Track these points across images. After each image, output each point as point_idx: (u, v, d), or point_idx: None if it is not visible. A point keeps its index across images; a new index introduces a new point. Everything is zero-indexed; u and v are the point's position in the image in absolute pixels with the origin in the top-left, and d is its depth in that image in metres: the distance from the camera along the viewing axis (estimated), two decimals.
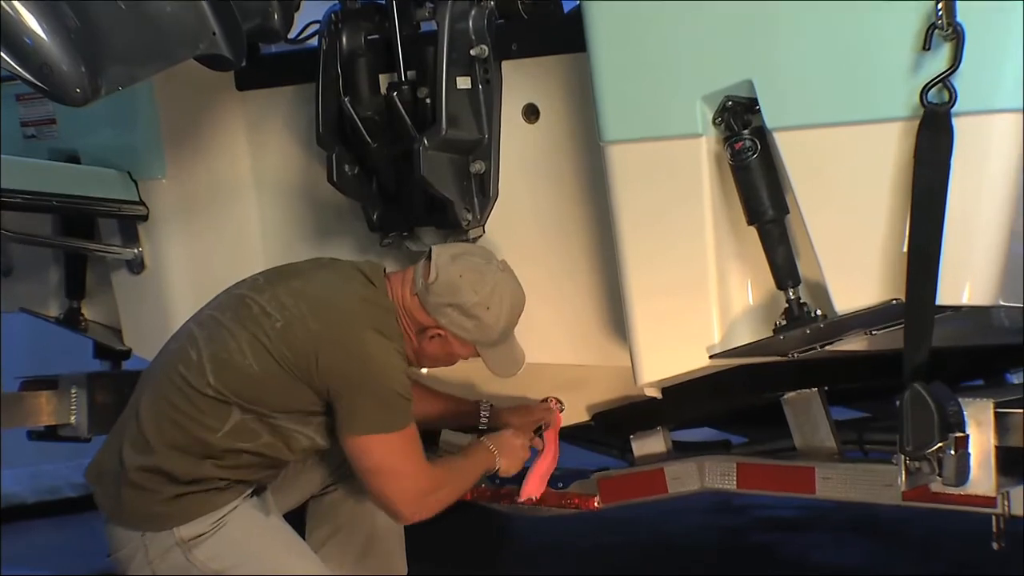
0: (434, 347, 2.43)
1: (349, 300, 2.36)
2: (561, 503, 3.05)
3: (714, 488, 2.95)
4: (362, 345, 2.29)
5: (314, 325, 2.30)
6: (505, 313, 2.41)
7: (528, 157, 2.69)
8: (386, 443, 2.30)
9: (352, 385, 2.29)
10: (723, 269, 2.39)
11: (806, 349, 2.40)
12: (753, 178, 2.29)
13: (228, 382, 2.31)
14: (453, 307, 2.38)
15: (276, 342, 2.30)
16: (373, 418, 2.29)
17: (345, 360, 2.28)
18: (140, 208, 3.07)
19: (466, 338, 2.41)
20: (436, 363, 2.50)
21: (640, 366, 2.47)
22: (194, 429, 2.32)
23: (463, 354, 2.46)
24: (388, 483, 2.33)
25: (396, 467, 2.31)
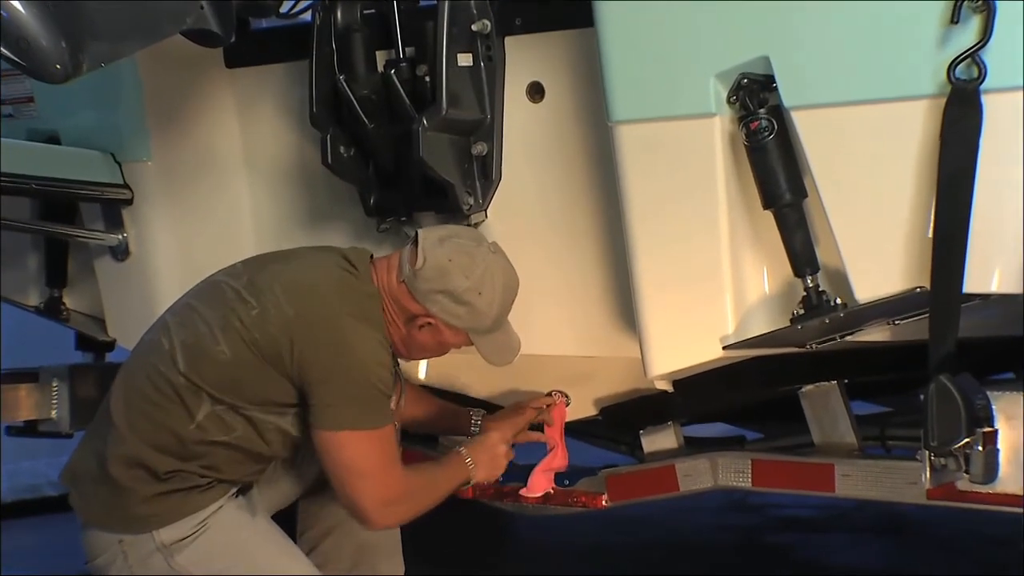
0: (424, 336, 2.41)
1: (327, 284, 2.33)
2: (567, 501, 3.04)
3: (728, 486, 2.94)
4: (340, 332, 2.26)
5: (289, 310, 2.28)
6: (498, 298, 2.39)
7: (533, 138, 2.68)
8: (359, 441, 2.26)
9: (327, 375, 2.25)
10: (738, 256, 2.39)
11: (825, 340, 2.41)
12: (769, 160, 2.29)
13: (199, 370, 2.30)
14: (443, 293, 2.37)
15: (250, 329, 2.28)
16: (347, 413, 2.25)
17: (320, 347, 2.25)
18: (124, 192, 3.07)
19: (458, 326, 2.39)
20: (426, 353, 2.48)
21: (650, 358, 2.47)
22: (166, 421, 2.31)
23: (455, 343, 2.44)
24: (356, 485, 2.28)
25: (366, 469, 2.27)
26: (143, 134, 3.04)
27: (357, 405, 2.25)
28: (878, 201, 2.22)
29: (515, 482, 3.00)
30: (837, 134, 2.23)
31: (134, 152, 3.06)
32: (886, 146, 2.19)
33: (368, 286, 2.37)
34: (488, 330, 2.41)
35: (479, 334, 2.41)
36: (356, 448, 2.26)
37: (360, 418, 2.25)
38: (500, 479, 3.06)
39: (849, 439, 2.91)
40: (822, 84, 2.22)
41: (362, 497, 2.29)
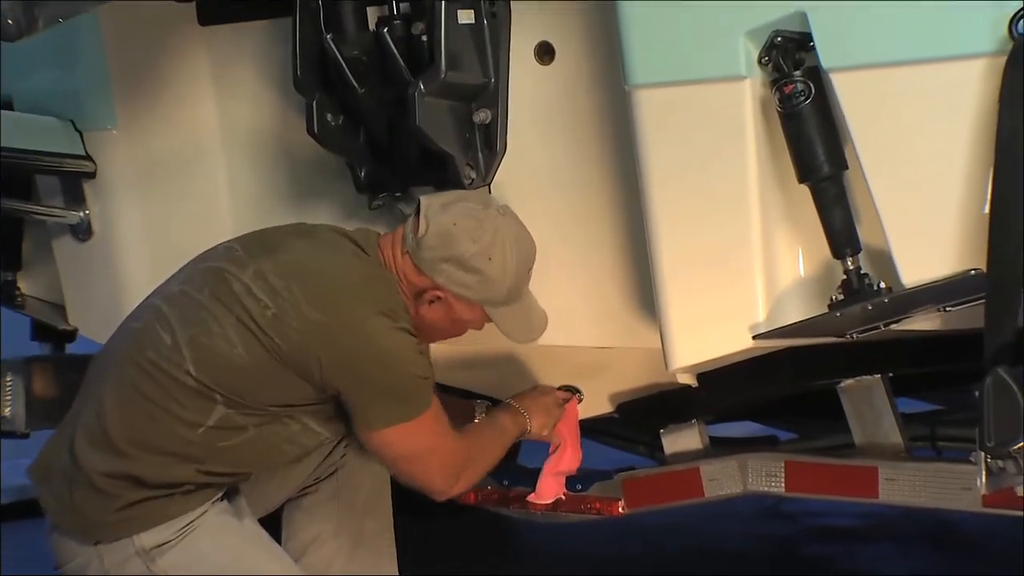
0: (435, 313, 2.42)
1: (348, 279, 2.35)
2: (580, 508, 3.06)
3: (759, 491, 2.96)
4: (372, 337, 2.29)
5: (313, 315, 2.29)
6: (512, 264, 2.40)
7: (542, 104, 2.68)
8: (410, 431, 2.35)
9: (364, 381, 2.31)
10: (769, 235, 2.39)
11: (867, 328, 2.40)
12: (805, 127, 2.29)
13: (211, 372, 2.31)
14: (449, 261, 2.37)
15: (268, 332, 2.30)
16: (393, 410, 2.33)
17: (354, 356, 2.30)
18: (86, 163, 3.07)
19: (469, 297, 2.40)
20: (441, 334, 2.48)
21: (672, 348, 2.47)
22: (171, 424, 2.31)
23: (470, 318, 2.45)
24: (417, 468, 2.40)
25: (423, 451, 2.38)
26: (107, 99, 3.04)
27: (398, 399, 2.33)
28: (928, 173, 2.22)
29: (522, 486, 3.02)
30: (882, 98, 2.23)
31: (97, 119, 3.06)
32: (937, 111, 2.19)
33: (384, 271, 2.40)
34: (504, 301, 2.42)
35: (495, 306, 2.42)
36: (408, 438, 2.35)
37: (406, 411, 2.33)
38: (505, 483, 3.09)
39: (894, 439, 2.92)
40: (865, 42, 2.22)
41: (425, 477, 2.41)
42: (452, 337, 2.53)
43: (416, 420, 2.34)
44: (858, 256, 2.33)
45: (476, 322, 2.47)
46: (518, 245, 2.43)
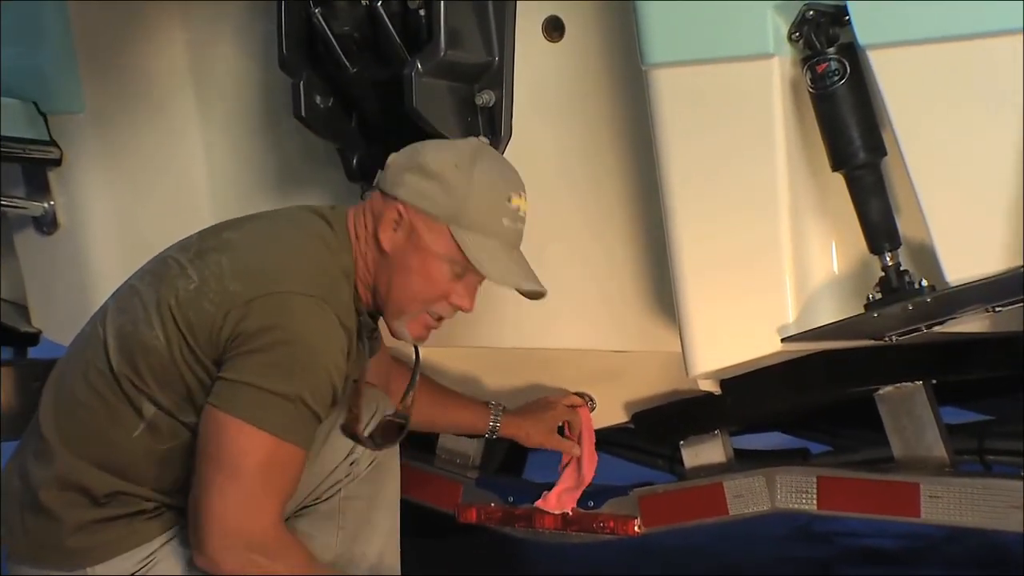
0: (399, 243, 2.35)
1: (284, 253, 2.32)
2: (592, 527, 3.05)
3: (789, 509, 2.96)
4: (285, 312, 2.22)
5: (233, 285, 2.26)
6: (482, 179, 2.36)
7: (550, 85, 2.68)
8: (252, 441, 2.19)
9: (251, 351, 2.21)
10: (800, 228, 2.39)
11: (908, 331, 2.41)
12: (840, 110, 2.29)
13: (135, 362, 2.29)
14: (412, 170, 2.36)
15: (184, 306, 2.27)
16: (255, 403, 2.20)
17: (258, 325, 2.22)
18: (51, 150, 3.08)
19: (432, 211, 2.34)
20: (412, 283, 2.37)
21: (693, 353, 2.47)
22: (103, 428, 2.30)
23: (438, 249, 2.36)
24: (216, 490, 2.20)
25: (244, 478, 2.19)
26: (73, 80, 3.05)
27: (270, 402, 2.20)
28: (975, 160, 2.22)
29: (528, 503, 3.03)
30: (925, 78, 2.22)
31: (63, 102, 3.07)
32: (987, 93, 2.19)
33: (342, 258, 2.35)
34: (472, 225, 2.35)
35: (462, 228, 2.34)
36: (245, 446, 2.20)
37: (267, 417, 2.20)
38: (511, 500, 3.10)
39: (938, 452, 2.91)
40: (906, 16, 2.21)
41: (213, 510, 2.20)
42: (428, 296, 2.38)
43: (271, 438, 2.20)
44: (898, 251, 2.33)
45: (447, 259, 2.35)
46: (492, 162, 2.42)
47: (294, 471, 2.26)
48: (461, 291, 2.40)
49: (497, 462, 3.71)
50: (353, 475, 2.58)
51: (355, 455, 2.55)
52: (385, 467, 2.62)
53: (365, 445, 2.48)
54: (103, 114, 3.07)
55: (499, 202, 2.39)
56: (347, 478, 2.57)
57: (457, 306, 2.41)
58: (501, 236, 2.39)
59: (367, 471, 2.58)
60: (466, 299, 2.40)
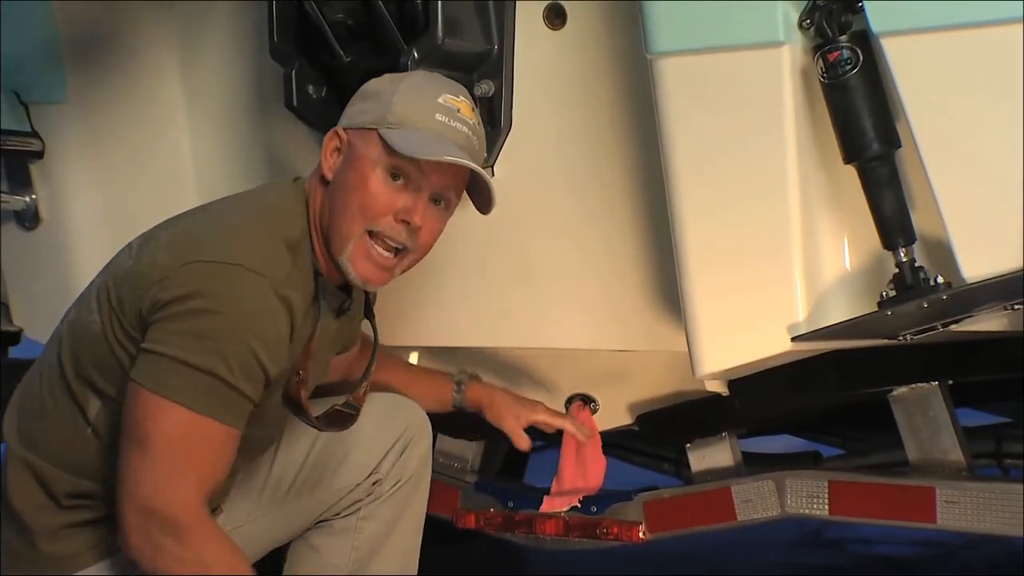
0: (338, 168, 2.32)
1: (220, 223, 2.29)
2: (595, 533, 3.05)
3: (799, 514, 2.95)
4: (210, 282, 2.17)
5: (161, 255, 2.24)
6: (411, 82, 2.34)
7: (552, 75, 2.69)
8: (164, 413, 2.14)
9: (169, 318, 2.16)
10: (811, 222, 2.39)
11: (923, 329, 2.41)
12: (852, 100, 2.29)
13: (75, 349, 2.29)
14: (355, 100, 2.37)
15: (119, 284, 2.26)
16: (168, 373, 2.14)
17: (178, 292, 2.17)
18: (33, 142, 3.09)
19: (363, 121, 2.31)
20: (348, 204, 2.30)
21: (699, 352, 2.48)
22: (57, 426, 2.30)
23: (368, 154, 2.30)
24: (132, 467, 2.14)
25: (154, 453, 2.13)
26: (56, 68, 3.05)
27: (188, 371, 2.14)
28: (993, 152, 2.22)
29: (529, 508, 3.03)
30: (941, 67, 2.23)
31: (45, 91, 3.08)
32: (1006, 82, 2.18)
33: (292, 225, 2.31)
34: (401, 121, 2.31)
35: (392, 128, 2.30)
36: (154, 419, 2.14)
37: (181, 387, 2.14)
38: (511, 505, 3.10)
39: (955, 456, 2.91)
40: (922, 2, 2.21)
41: (126, 486, 2.15)
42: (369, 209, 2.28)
43: (188, 414, 2.13)
44: (912, 247, 2.33)
45: (378, 162, 2.29)
46: (427, 74, 2.42)
47: (213, 448, 2.18)
48: (407, 202, 2.30)
49: (497, 466, 3.72)
50: (376, 495, 2.58)
51: (379, 474, 2.56)
52: (412, 492, 2.62)
53: (307, 421, 2.41)
54: (87, 104, 3.07)
55: (429, 99, 2.32)
56: (368, 497, 2.57)
57: (404, 220, 2.30)
58: (435, 130, 2.31)
59: (391, 492, 2.58)
60: (413, 212, 2.30)
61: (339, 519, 2.59)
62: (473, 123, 2.35)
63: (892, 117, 2.30)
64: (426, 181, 2.31)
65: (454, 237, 2.81)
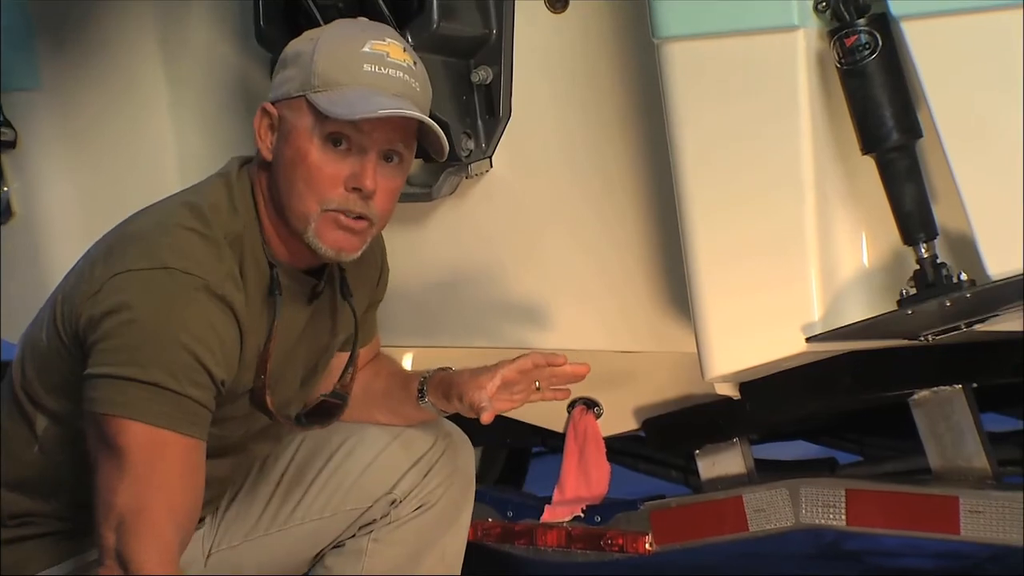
0: (275, 147, 2.28)
1: (148, 226, 2.26)
2: (599, 544, 3.06)
3: (814, 525, 2.96)
4: (129, 292, 2.16)
5: (98, 269, 2.22)
6: (330, 36, 2.27)
7: (553, 60, 2.69)
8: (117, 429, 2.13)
9: (100, 340, 2.16)
10: (827, 217, 2.40)
11: (945, 329, 2.41)
12: (871, 87, 2.29)
13: (25, 367, 2.30)
14: (278, 68, 2.32)
15: (66, 299, 2.25)
16: (112, 391, 2.14)
17: (101, 311, 2.16)
18: (4, 131, 3.08)
19: (289, 91, 2.27)
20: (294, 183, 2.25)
21: (709, 353, 2.48)
22: (8, 444, 2.31)
23: (301, 125, 2.25)
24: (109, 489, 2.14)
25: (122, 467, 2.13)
26: (28, 52, 3.05)
27: (129, 385, 2.13)
28: (1020, 143, 2.22)
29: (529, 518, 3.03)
30: (965, 52, 2.23)
31: (16, 77, 3.07)
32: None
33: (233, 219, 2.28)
34: (327, 83, 2.25)
35: (318, 92, 2.25)
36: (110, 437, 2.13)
37: (128, 402, 2.13)
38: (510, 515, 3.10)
39: (979, 463, 2.92)
40: None
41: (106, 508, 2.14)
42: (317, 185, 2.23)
43: (122, 421, 2.13)
44: (934, 242, 2.34)
45: (313, 132, 2.24)
46: (348, 22, 2.34)
47: (177, 464, 2.16)
48: (354, 167, 2.24)
49: (495, 473, 3.73)
50: (393, 518, 2.52)
51: (396, 493, 2.49)
52: (442, 522, 2.55)
53: (281, 423, 2.39)
54: (62, 91, 3.07)
55: (352, 51, 2.26)
56: (383, 519, 2.52)
57: (357, 188, 2.24)
58: (365, 84, 2.23)
59: (412, 517, 2.52)
60: (363, 177, 2.23)
61: (351, 540, 2.55)
62: (407, 64, 2.26)
63: (913, 105, 2.30)
64: (369, 140, 2.24)
65: (450, 233, 2.82)
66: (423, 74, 2.30)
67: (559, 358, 2.43)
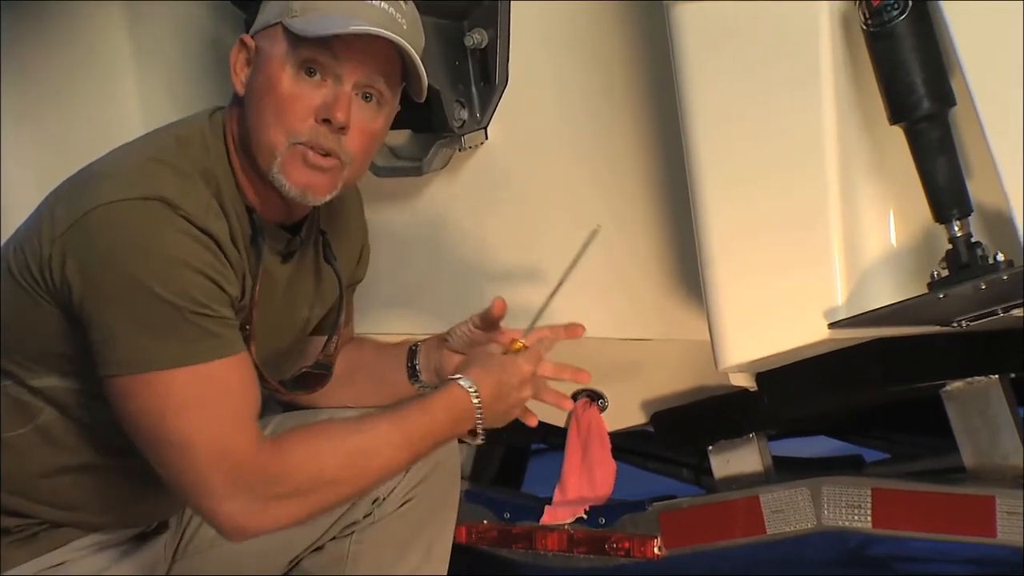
0: (249, 79, 2.29)
1: (120, 159, 2.26)
2: (604, 549, 3.08)
3: (838, 527, 2.97)
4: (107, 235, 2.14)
5: (59, 209, 2.21)
6: None
7: (554, 23, 2.70)
8: (160, 388, 2.13)
9: (99, 302, 2.14)
10: (852, 192, 2.39)
11: (980, 315, 2.40)
12: (900, 51, 2.28)
13: None
14: (262, 7, 2.32)
15: (19, 248, 2.24)
16: (132, 345, 2.13)
17: (84, 268, 2.15)
18: None
19: (268, 20, 2.28)
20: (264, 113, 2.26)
21: (723, 341, 2.48)
22: None
23: (275, 52, 2.26)
24: (180, 465, 2.14)
25: (185, 432, 2.13)
26: None
27: (142, 331, 2.12)
28: None
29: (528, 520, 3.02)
30: (1004, 12, 2.22)
31: None
32: None
33: (207, 155, 2.28)
34: (305, 9, 2.26)
35: (295, 16, 2.26)
36: (159, 400, 2.13)
37: (150, 350, 2.12)
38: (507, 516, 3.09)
39: (1016, 460, 2.92)
40: None
41: (197, 486, 2.14)
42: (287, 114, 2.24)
43: (171, 372, 2.12)
44: (968, 220, 2.32)
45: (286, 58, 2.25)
46: None
47: (232, 386, 2.17)
48: (326, 97, 2.24)
49: (491, 472, 3.74)
50: (376, 518, 2.55)
51: (379, 491, 2.51)
52: (427, 517, 2.58)
53: (265, 384, 2.36)
54: (19, 57, 3.07)
55: None
56: (366, 519, 2.55)
57: (328, 120, 2.24)
58: (345, 9, 2.24)
59: (395, 513, 2.55)
60: (335, 107, 2.23)
61: (332, 542, 2.57)
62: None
63: (945, 70, 2.29)
64: (345, 69, 2.23)
65: (441, 210, 2.82)
66: (413, 14, 2.30)
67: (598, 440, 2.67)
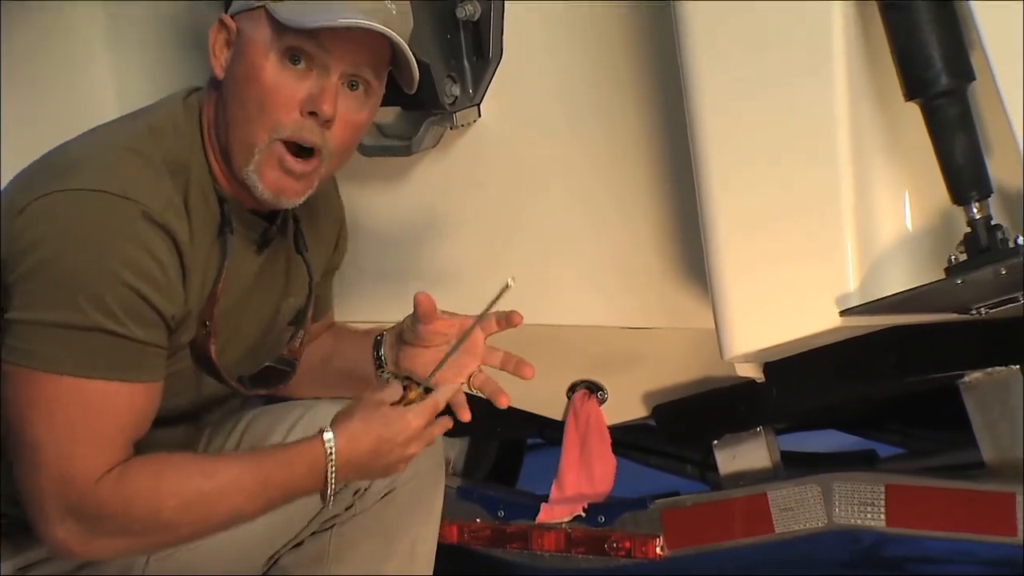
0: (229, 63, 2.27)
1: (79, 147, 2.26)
2: (604, 548, 3.08)
3: (850, 526, 2.97)
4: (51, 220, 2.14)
5: (15, 194, 2.21)
6: None
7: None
8: (38, 388, 2.13)
9: (22, 278, 2.14)
10: (865, 173, 2.38)
11: (1000, 301, 2.40)
12: (916, 22, 2.28)
13: None
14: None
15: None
16: (35, 340, 2.12)
17: (23, 244, 2.15)
18: None
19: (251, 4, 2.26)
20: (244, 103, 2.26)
21: (730, 330, 2.48)
22: None
23: (258, 37, 2.25)
24: (30, 467, 2.15)
25: (48, 443, 2.13)
26: None
27: (56, 332, 2.12)
28: None
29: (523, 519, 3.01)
30: None
31: None
32: None
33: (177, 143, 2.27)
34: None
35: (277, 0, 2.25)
36: (31, 398, 2.13)
37: (52, 353, 2.12)
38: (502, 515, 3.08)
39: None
40: None
41: (39, 494, 2.15)
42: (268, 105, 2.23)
43: (58, 379, 2.12)
44: (987, 201, 2.31)
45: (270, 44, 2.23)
46: None
47: (111, 410, 2.16)
48: (313, 88, 2.23)
49: (485, 468, 3.74)
50: (358, 510, 2.54)
51: (360, 483, 2.49)
52: (411, 508, 2.58)
53: (225, 384, 2.37)
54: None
55: None
56: (347, 512, 2.54)
57: (313, 112, 2.23)
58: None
59: (381, 504, 2.54)
60: (321, 99, 2.22)
61: (312, 537, 2.57)
62: None
63: (964, 43, 2.29)
64: (332, 59, 2.22)
65: (432, 191, 2.82)
66: (404, 4, 2.29)
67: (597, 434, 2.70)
